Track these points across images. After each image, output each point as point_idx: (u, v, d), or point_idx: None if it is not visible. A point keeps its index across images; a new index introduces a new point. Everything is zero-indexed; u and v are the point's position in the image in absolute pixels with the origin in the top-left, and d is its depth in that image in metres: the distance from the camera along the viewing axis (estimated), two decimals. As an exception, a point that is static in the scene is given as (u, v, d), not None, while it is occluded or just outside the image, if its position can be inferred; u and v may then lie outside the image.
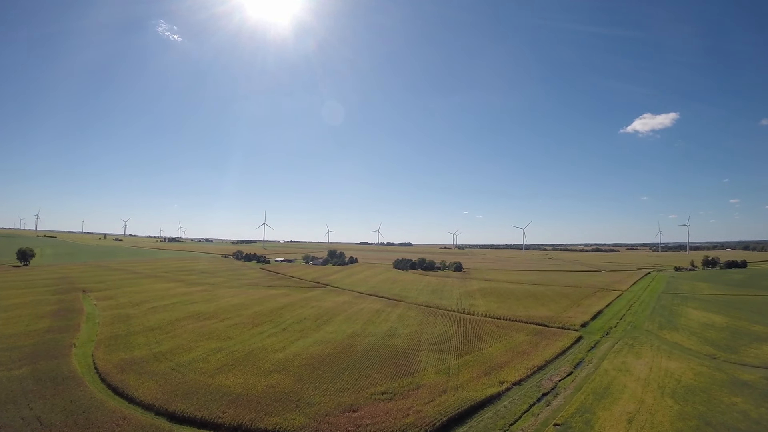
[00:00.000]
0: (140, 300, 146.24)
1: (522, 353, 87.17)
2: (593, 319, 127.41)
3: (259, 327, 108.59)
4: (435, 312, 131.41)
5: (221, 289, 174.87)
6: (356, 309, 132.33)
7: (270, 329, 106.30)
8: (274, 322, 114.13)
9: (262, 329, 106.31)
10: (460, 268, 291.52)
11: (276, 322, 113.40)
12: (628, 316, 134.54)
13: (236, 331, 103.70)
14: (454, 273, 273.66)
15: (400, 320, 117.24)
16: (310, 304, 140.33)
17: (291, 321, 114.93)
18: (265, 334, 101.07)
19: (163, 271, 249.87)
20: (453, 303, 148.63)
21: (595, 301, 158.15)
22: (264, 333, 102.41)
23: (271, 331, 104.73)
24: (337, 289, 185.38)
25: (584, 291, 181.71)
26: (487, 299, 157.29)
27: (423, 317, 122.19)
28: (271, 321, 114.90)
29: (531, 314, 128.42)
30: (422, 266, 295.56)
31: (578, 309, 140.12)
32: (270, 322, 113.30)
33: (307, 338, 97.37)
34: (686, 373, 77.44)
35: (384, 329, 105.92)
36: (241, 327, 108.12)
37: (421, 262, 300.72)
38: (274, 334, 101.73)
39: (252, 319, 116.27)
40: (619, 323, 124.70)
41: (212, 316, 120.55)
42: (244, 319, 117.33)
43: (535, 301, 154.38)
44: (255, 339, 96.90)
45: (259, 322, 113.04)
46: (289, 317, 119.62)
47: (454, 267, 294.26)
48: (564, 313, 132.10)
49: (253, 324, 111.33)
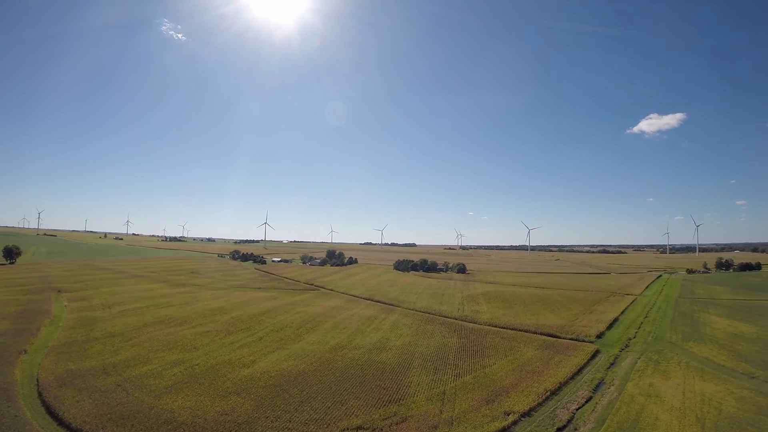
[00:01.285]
0: (114, 302, 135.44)
1: (531, 373, 74.16)
2: (609, 329, 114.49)
3: (232, 335, 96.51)
4: (433, 319, 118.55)
5: (205, 291, 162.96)
6: (346, 315, 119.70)
7: (244, 338, 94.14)
8: (251, 329, 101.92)
9: (235, 338, 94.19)
10: (463, 270, 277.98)
11: (253, 330, 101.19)
12: (647, 325, 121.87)
13: (205, 340, 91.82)
14: (457, 275, 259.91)
15: (393, 329, 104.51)
16: (296, 309, 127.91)
17: (270, 329, 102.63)
18: (236, 345, 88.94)
19: (151, 270, 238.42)
20: (454, 309, 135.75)
21: (608, 307, 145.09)
22: (236, 343, 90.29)
23: (244, 340, 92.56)
24: (330, 291, 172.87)
25: (596, 296, 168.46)
26: (492, 305, 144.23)
27: (419, 326, 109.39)
28: (248, 329, 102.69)
29: (540, 323, 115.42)
30: (424, 267, 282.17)
31: (592, 317, 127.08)
32: (246, 330, 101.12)
33: (283, 350, 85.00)
34: (726, 399, 64.73)
35: (373, 340, 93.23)
36: (213, 335, 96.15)
37: (422, 264, 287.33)
38: (247, 344, 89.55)
39: (227, 326, 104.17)
40: (638, 333, 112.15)
41: (184, 322, 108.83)
42: (218, 325, 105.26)
43: (544, 307, 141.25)
44: (223, 350, 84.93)
45: (233, 330, 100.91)
46: (269, 324, 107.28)
47: (457, 268, 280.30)
48: (577, 322, 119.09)
49: (227, 332, 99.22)
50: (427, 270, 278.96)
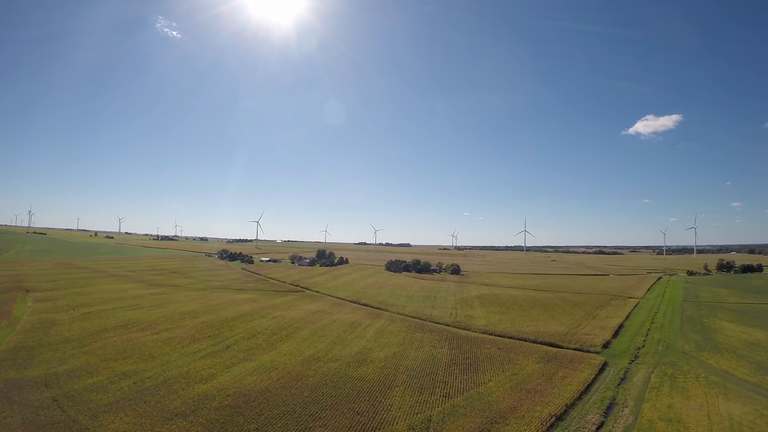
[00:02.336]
0: (81, 303, 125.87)
1: (533, 392, 64.04)
2: (615, 337, 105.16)
3: (197, 343, 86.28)
4: (423, 326, 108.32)
5: (181, 292, 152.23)
6: (327, 321, 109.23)
7: (209, 346, 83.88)
8: (220, 336, 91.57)
9: (200, 346, 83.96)
10: (457, 271, 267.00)
11: (221, 337, 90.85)
12: (655, 332, 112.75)
13: (166, 348, 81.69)
14: (450, 276, 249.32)
15: (377, 338, 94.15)
16: (274, 313, 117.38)
17: (241, 336, 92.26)
18: (199, 354, 78.77)
19: (131, 270, 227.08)
20: (446, 313, 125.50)
21: (611, 311, 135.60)
22: (199, 352, 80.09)
23: (209, 349, 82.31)
24: (315, 294, 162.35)
25: (597, 299, 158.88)
26: (487, 309, 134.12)
27: (407, 333, 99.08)
28: (217, 335, 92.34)
29: (540, 330, 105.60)
30: (416, 268, 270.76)
31: (595, 322, 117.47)
32: (214, 337, 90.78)
33: (250, 362, 74.73)
34: (757, 423, 55.64)
35: (354, 351, 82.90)
36: (176, 342, 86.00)
37: (415, 264, 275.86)
38: (211, 353, 79.33)
39: (194, 332, 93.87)
40: (647, 341, 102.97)
41: (149, 326, 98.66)
42: (185, 331, 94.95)
43: (543, 311, 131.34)
44: (183, 360, 74.90)
45: (200, 337, 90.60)
46: (241, 330, 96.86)
47: (451, 270, 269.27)
48: (579, 329, 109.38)
49: (192, 339, 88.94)
50: (420, 271, 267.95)
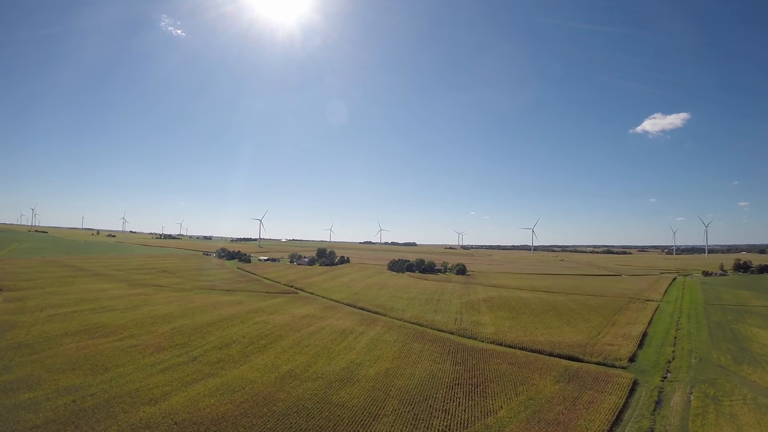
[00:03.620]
0: (51, 304, 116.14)
1: (554, 424, 51.90)
2: (640, 347, 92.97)
3: (162, 352, 75.07)
4: (424, 334, 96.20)
5: (163, 293, 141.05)
6: (315, 328, 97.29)
7: (173, 357, 72.62)
8: (189, 345, 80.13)
9: (163, 357, 72.77)
10: (463, 271, 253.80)
11: (190, 346, 79.44)
12: (683, 341, 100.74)
13: (125, 359, 70.83)
14: (456, 277, 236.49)
15: (369, 349, 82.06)
16: (257, 318, 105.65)
17: (213, 345, 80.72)
18: (159, 366, 67.60)
19: (119, 269, 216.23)
20: (450, 319, 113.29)
21: (632, 316, 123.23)
22: (160, 364, 68.88)
23: (173, 360, 71.04)
24: (309, 296, 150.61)
25: (614, 302, 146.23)
26: (496, 314, 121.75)
27: (405, 344, 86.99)
28: (186, 344, 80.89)
29: (556, 339, 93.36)
30: (420, 268, 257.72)
31: (615, 330, 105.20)
32: (182, 346, 79.38)
33: (214, 378, 63.14)
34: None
35: (340, 366, 70.94)
36: (138, 351, 75.11)
37: (419, 264, 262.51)
38: (173, 366, 68.03)
39: (161, 339, 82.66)
40: (677, 352, 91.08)
41: (114, 332, 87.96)
42: (152, 338, 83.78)
43: (557, 317, 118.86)
44: (139, 374, 63.97)
45: (166, 345, 79.28)
46: (215, 338, 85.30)
47: (456, 269, 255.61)
48: (600, 338, 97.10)
49: (157, 347, 77.72)
50: (424, 271, 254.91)
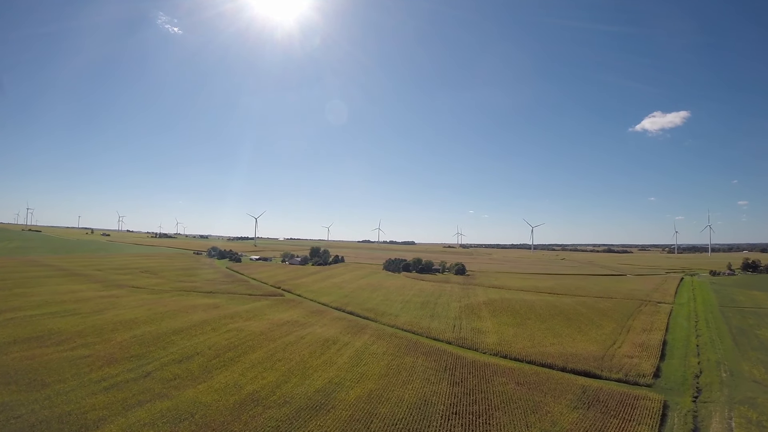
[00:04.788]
0: (12, 306, 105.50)
1: (580, 472, 41.01)
2: (662, 359, 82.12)
3: (113, 366, 64.26)
4: (417, 344, 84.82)
5: (137, 295, 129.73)
6: (294, 337, 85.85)
7: (124, 372, 61.80)
8: (146, 357, 69.04)
9: (113, 371, 61.93)
10: (462, 271, 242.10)
11: (147, 358, 68.35)
12: (707, 350, 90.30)
13: (69, 372, 60.64)
14: (455, 277, 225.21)
15: (353, 364, 70.69)
16: (231, 324, 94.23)
17: (174, 357, 69.55)
18: (105, 383, 57.17)
19: (99, 268, 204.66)
20: (448, 326, 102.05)
21: (646, 321, 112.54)
22: (107, 380, 58.37)
23: (122, 376, 60.23)
24: (296, 298, 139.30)
25: (625, 305, 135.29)
26: (498, 319, 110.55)
27: (395, 357, 75.66)
28: (143, 355, 69.82)
29: (568, 351, 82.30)
30: (417, 268, 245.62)
31: (632, 338, 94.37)
32: (138, 358, 68.34)
33: (164, 400, 52.11)
34: None
35: (315, 386, 59.58)
36: (87, 363, 64.67)
37: (416, 263, 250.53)
38: (121, 383, 57.33)
39: (117, 350, 71.75)
40: (703, 364, 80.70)
41: (69, 339, 77.70)
42: (107, 347, 73.00)
43: (566, 322, 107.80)
44: (79, 393, 53.96)
45: (121, 357, 68.34)
46: (178, 349, 74.11)
47: (455, 269, 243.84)
48: (616, 348, 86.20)
49: (110, 359, 66.92)
50: (421, 271, 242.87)
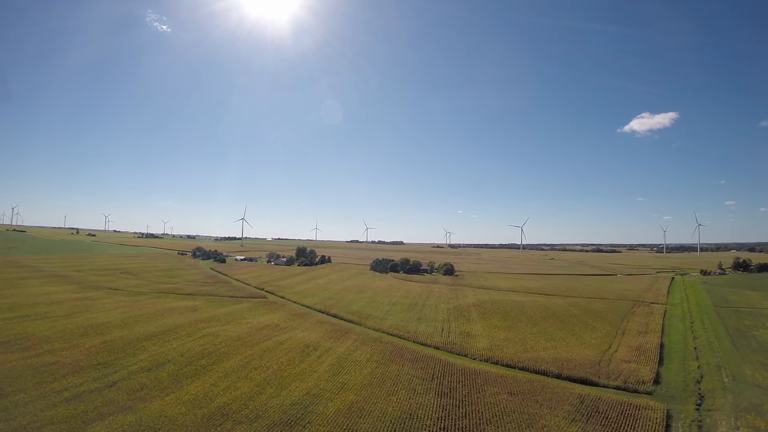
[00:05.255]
0: None
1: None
2: (661, 363, 78.29)
3: (79, 374, 59.39)
4: (403, 350, 79.93)
5: (113, 297, 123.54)
6: (273, 343, 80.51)
7: (90, 381, 56.80)
8: (114, 365, 63.68)
9: (79, 380, 57.11)
10: (451, 271, 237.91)
11: (115, 366, 63.07)
12: (705, 352, 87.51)
13: (32, 381, 55.70)
14: (443, 277, 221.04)
15: (334, 373, 65.61)
16: (208, 328, 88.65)
17: (142, 365, 64.04)
18: (67, 393, 52.43)
19: (78, 269, 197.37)
20: (436, 330, 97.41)
21: (640, 323, 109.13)
22: (70, 390, 53.51)
23: (88, 385, 55.38)
24: (278, 300, 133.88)
25: (618, 306, 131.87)
26: (488, 322, 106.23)
27: (379, 365, 70.63)
28: (111, 362, 64.42)
29: (562, 356, 78.12)
30: (405, 268, 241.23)
31: (628, 341, 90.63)
32: (106, 365, 62.97)
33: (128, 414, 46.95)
34: None
35: (292, 398, 54.44)
36: (51, 371, 59.61)
37: (404, 264, 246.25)
38: (84, 393, 52.42)
39: (85, 356, 66.42)
40: (703, 368, 77.50)
41: (36, 345, 72.77)
42: (75, 354, 67.77)
43: (559, 325, 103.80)
44: (39, 403, 49.68)
45: (87, 364, 63.08)
46: (148, 356, 68.58)
47: (444, 269, 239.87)
48: (612, 352, 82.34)
49: (76, 367, 61.72)
50: (409, 271, 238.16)
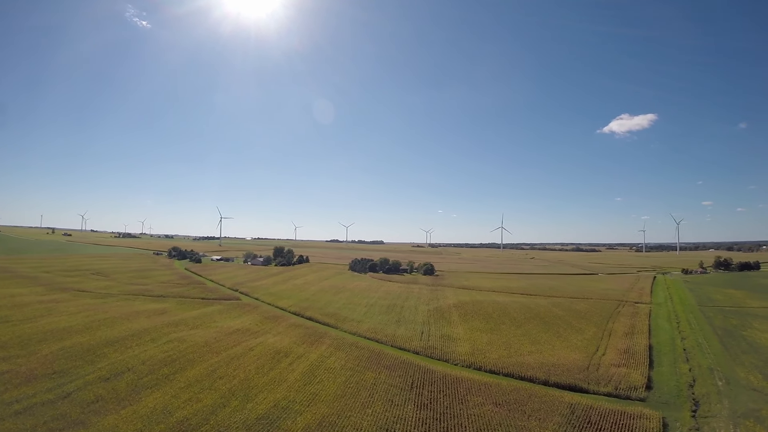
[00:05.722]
0: None
1: None
2: (651, 367, 74.93)
3: (32, 384, 54.23)
4: (381, 356, 74.68)
5: (81, 300, 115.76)
6: (242, 349, 74.57)
7: (43, 392, 51.41)
8: (70, 373, 57.82)
9: (31, 390, 52.03)
10: (431, 271, 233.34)
11: (71, 375, 57.17)
12: (695, 353, 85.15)
13: None
14: (423, 277, 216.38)
15: (306, 382, 60.01)
16: (175, 333, 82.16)
17: (100, 374, 57.79)
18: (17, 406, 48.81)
19: (47, 270, 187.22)
20: (416, 333, 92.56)
21: (626, 324, 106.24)
22: (21, 402, 49.69)
23: (40, 397, 49.97)
24: (252, 302, 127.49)
25: (602, 306, 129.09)
26: (470, 324, 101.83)
27: (354, 373, 65.37)
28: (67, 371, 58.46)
29: (548, 360, 74.02)
30: (384, 268, 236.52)
31: (615, 344, 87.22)
32: (62, 374, 57.02)
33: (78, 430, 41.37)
34: None
35: (258, 411, 48.79)
36: (3, 382, 53.65)
37: (383, 264, 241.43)
38: (34, 406, 47.24)
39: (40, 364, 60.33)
40: (695, 371, 74.96)
41: None
42: (31, 362, 61.88)
43: (543, 327, 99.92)
44: None
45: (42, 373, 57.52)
46: (107, 364, 62.16)
47: (424, 269, 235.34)
48: (600, 355, 78.74)
49: (30, 376, 56.29)
50: (388, 271, 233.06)
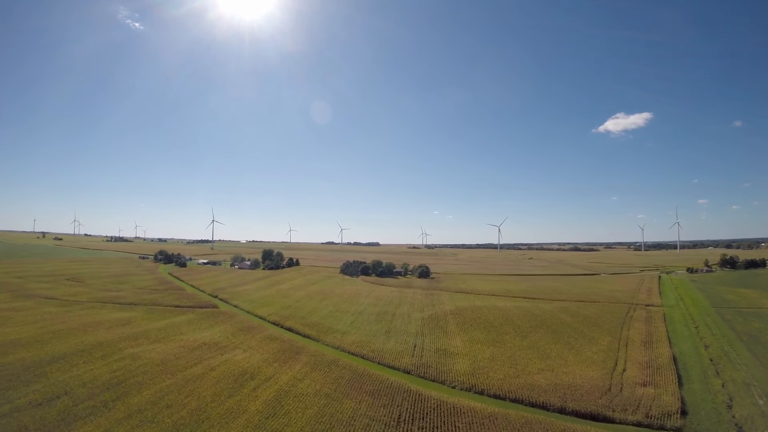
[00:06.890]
0: None
1: None
2: (681, 385, 64.28)
3: None
4: (364, 377, 63.48)
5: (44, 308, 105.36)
6: (202, 369, 63.12)
7: None
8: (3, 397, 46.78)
9: None
10: (426, 274, 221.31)
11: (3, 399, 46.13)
12: (725, 366, 75.35)
13: None
14: (418, 280, 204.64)
15: (270, 414, 48.51)
16: (129, 349, 70.47)
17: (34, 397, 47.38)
18: None
19: (21, 275, 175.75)
20: (408, 347, 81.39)
21: (642, 330, 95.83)
22: None
23: None
24: (230, 310, 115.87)
25: (612, 310, 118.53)
26: (469, 335, 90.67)
27: (330, 400, 54.01)
28: None
29: (562, 380, 63.11)
30: (377, 271, 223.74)
31: (635, 356, 76.61)
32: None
33: None
34: None
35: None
36: None
37: (375, 266, 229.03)
38: None
39: None
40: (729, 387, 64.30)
41: None
42: None
43: (551, 336, 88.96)
44: None
45: None
46: (42, 386, 51.21)
47: (419, 272, 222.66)
48: (620, 371, 68.04)
49: None
50: (381, 274, 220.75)
